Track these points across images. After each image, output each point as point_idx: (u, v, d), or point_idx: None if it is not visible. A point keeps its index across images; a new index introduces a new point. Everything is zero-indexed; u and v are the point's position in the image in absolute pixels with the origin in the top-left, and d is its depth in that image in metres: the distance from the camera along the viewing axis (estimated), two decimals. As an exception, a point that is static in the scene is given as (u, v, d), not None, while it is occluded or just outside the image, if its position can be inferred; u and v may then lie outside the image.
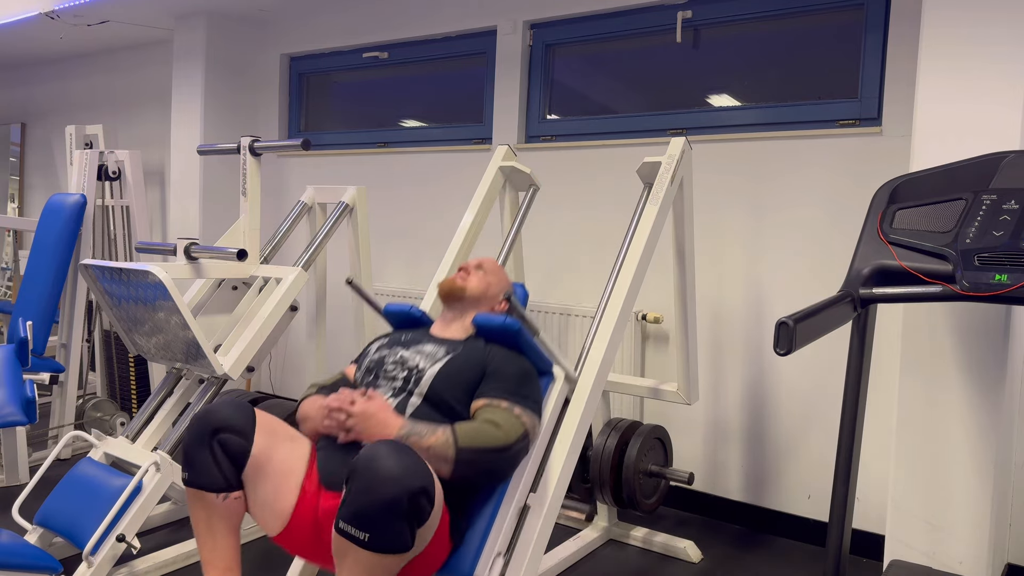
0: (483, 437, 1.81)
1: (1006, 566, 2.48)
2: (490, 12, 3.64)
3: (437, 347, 2.03)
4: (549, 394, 2.08)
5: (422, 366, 1.97)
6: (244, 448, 1.80)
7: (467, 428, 1.83)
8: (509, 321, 2.03)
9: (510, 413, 1.88)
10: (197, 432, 1.80)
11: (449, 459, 1.77)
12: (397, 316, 2.30)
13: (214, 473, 1.79)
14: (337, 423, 1.83)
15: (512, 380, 1.94)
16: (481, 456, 1.80)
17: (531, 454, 1.94)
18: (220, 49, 4.38)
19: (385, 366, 2.03)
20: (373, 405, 1.83)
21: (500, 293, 2.23)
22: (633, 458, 2.59)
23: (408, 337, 2.12)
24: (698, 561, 2.73)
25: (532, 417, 1.92)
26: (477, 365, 1.97)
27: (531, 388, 1.97)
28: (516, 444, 1.85)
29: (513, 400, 1.90)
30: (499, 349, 2.03)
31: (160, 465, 2.33)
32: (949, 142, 2.14)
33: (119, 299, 2.52)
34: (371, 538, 1.54)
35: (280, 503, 1.82)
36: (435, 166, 3.84)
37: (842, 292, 1.90)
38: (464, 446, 1.78)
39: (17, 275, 5.21)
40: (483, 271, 2.23)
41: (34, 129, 6.14)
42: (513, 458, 1.87)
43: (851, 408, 1.95)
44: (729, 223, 3.04)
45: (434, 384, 1.92)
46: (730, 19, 3.07)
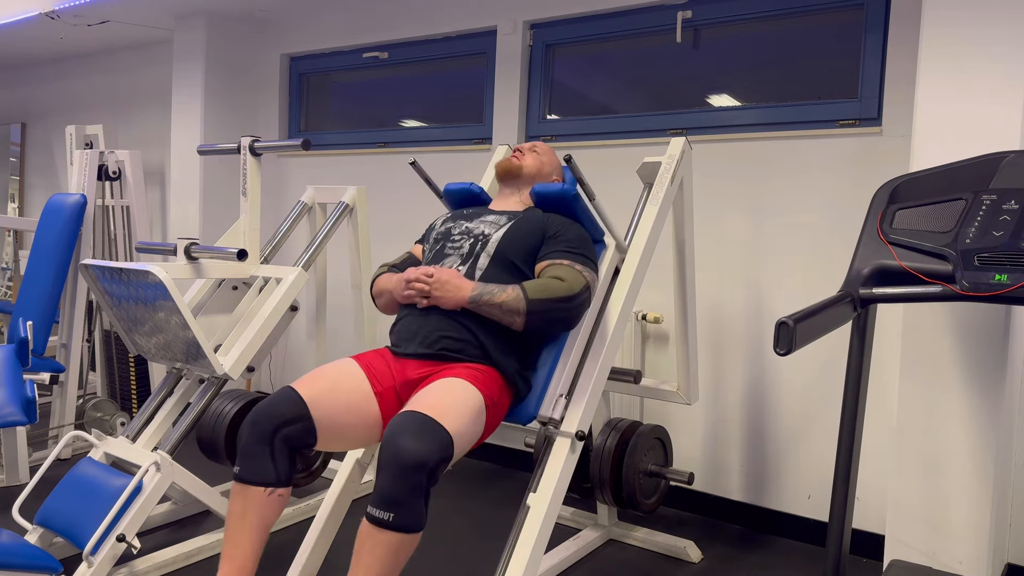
0: (550, 289, 2.02)
1: (1006, 566, 2.48)
2: (490, 12, 3.64)
3: (498, 216, 2.24)
4: (602, 260, 2.29)
5: (487, 232, 2.18)
6: (310, 428, 1.91)
7: (535, 283, 2.04)
8: (566, 188, 2.22)
9: (572, 269, 2.08)
10: (260, 430, 1.88)
11: (521, 311, 2.00)
12: (457, 194, 2.48)
13: (268, 469, 1.88)
14: (417, 291, 2.04)
15: (571, 242, 2.14)
16: (550, 306, 2.01)
17: (589, 312, 2.15)
18: (220, 49, 4.38)
19: (452, 236, 2.23)
20: (447, 272, 2.05)
21: (552, 172, 2.42)
22: (633, 458, 2.59)
23: (470, 211, 2.32)
24: (698, 561, 2.73)
25: (592, 272, 2.12)
26: (538, 230, 2.17)
27: (588, 249, 2.17)
28: (580, 295, 2.04)
29: (573, 258, 2.11)
30: (557, 216, 2.22)
31: (160, 465, 2.33)
32: (949, 142, 2.14)
33: (119, 299, 2.52)
34: (395, 517, 1.68)
35: (369, 422, 2.00)
36: (435, 166, 3.84)
37: (842, 292, 1.90)
38: (534, 298, 2.00)
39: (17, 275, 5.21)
40: (536, 152, 2.41)
41: (34, 129, 6.14)
42: (578, 308, 2.06)
43: (851, 408, 1.95)
44: (729, 223, 3.04)
45: (500, 247, 2.13)
46: (730, 19, 3.07)
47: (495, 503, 3.21)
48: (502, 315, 2.01)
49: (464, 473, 3.53)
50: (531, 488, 1.97)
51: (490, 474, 3.55)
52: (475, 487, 3.38)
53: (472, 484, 3.41)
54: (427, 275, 2.04)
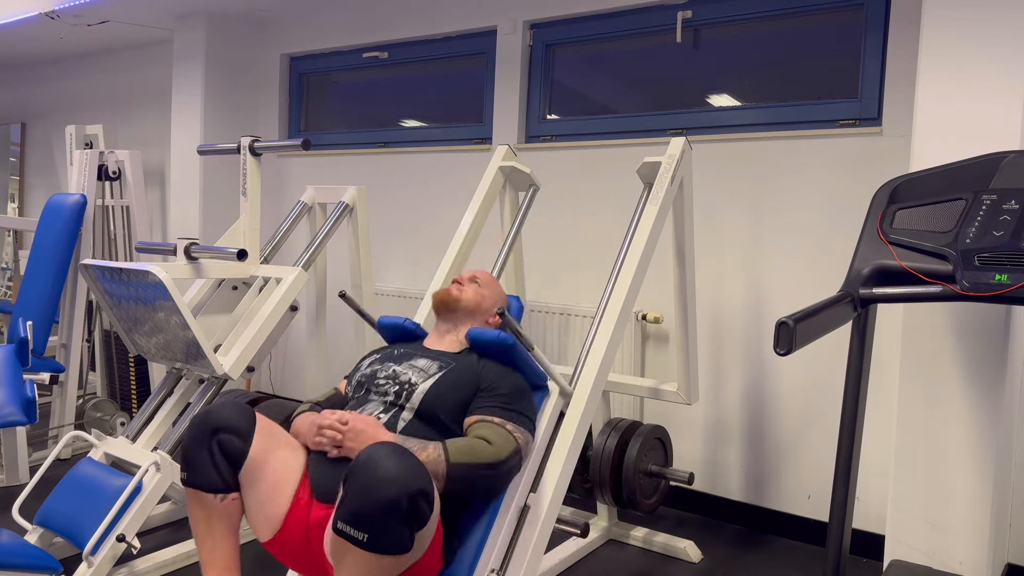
0: (475, 453, 1.81)
1: (1006, 566, 2.48)
2: (490, 12, 3.64)
3: (430, 362, 2.03)
4: (544, 408, 2.08)
5: (414, 381, 1.97)
6: (242, 449, 1.80)
7: (459, 444, 1.83)
8: (503, 336, 2.02)
9: (503, 429, 1.88)
10: (197, 432, 1.81)
11: (441, 475, 1.76)
12: (391, 329, 2.30)
13: (211, 474, 1.79)
14: (328, 439, 1.82)
15: (505, 396, 1.94)
16: (473, 471, 1.80)
17: (526, 466, 1.95)
18: (220, 49, 4.38)
19: (377, 380, 2.02)
20: (363, 421, 1.83)
21: (494, 306, 2.22)
22: (633, 458, 2.59)
23: (401, 351, 2.11)
24: (698, 561, 2.73)
25: (525, 433, 1.92)
26: (470, 381, 1.97)
27: (524, 404, 1.97)
28: (508, 460, 1.85)
29: (506, 416, 1.91)
30: (492, 364, 2.02)
31: (160, 465, 2.33)
32: (949, 142, 2.14)
33: (119, 299, 2.52)
34: (370, 538, 1.53)
35: (272, 509, 1.82)
36: (435, 166, 3.84)
37: (842, 292, 1.90)
38: (456, 461, 1.78)
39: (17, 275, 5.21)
40: (478, 283, 2.23)
41: (34, 129, 6.14)
42: (506, 475, 1.87)
43: (851, 408, 1.95)
44: (729, 223, 3.03)
45: (426, 399, 1.92)
46: (730, 19, 3.07)
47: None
48: None
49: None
50: (531, 488, 1.97)
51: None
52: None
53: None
54: (342, 422, 1.82)
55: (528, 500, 1.94)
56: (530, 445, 1.95)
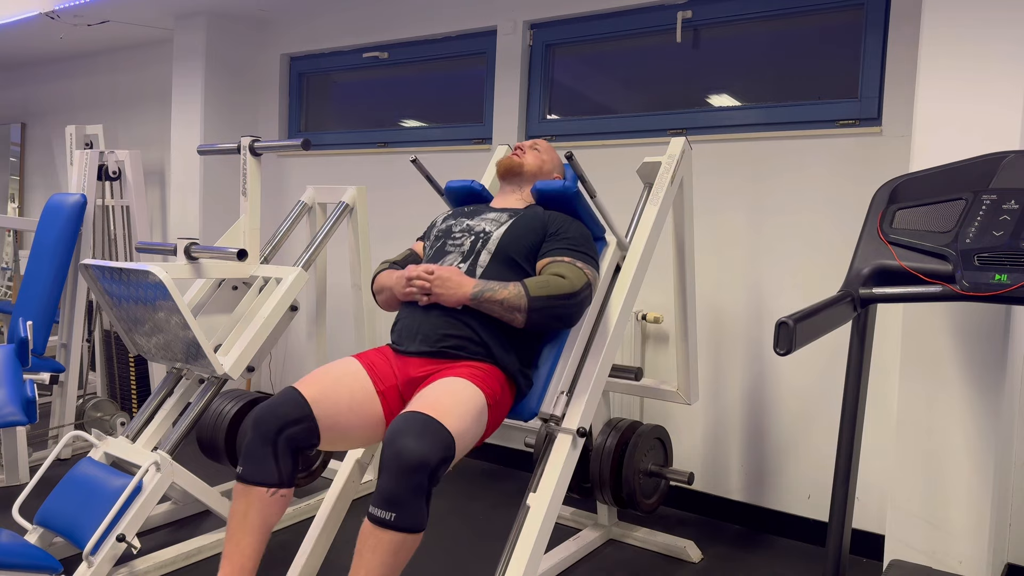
0: (552, 286, 2.02)
1: (1006, 566, 2.48)
2: (490, 12, 3.64)
3: (499, 213, 2.24)
4: (603, 257, 2.29)
5: (488, 229, 2.18)
6: (313, 428, 1.92)
7: (537, 280, 2.04)
8: (567, 185, 2.22)
9: (573, 266, 2.08)
10: (263, 431, 1.89)
11: (523, 308, 1.99)
12: (458, 191, 2.48)
13: (271, 470, 1.89)
14: (418, 288, 2.03)
15: (572, 239, 2.15)
16: (551, 303, 2.01)
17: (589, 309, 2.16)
18: (220, 49, 4.38)
19: (453, 233, 2.23)
20: (448, 270, 2.04)
21: (553, 170, 2.43)
22: (633, 458, 2.59)
23: (471, 208, 2.32)
24: (698, 561, 2.73)
25: (592, 270, 2.12)
26: (539, 227, 2.17)
27: (589, 246, 2.18)
28: (581, 292, 2.04)
29: (575, 256, 2.11)
30: (558, 214, 2.22)
31: (160, 465, 2.33)
32: (949, 142, 2.14)
33: (119, 299, 2.52)
34: (396, 518, 1.68)
35: (372, 421, 2.00)
36: (435, 166, 3.83)
37: (842, 292, 1.90)
38: (536, 295, 2.00)
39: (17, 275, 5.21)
40: (537, 149, 2.42)
41: (34, 129, 6.14)
42: (579, 305, 2.06)
43: (851, 408, 1.95)
44: (729, 223, 3.04)
45: (501, 243, 2.13)
46: (730, 19, 3.07)
47: (495, 503, 3.21)
48: (503, 312, 2.01)
49: (464, 473, 3.53)
50: (531, 488, 1.97)
51: (490, 474, 3.55)
52: (475, 487, 3.38)
53: (472, 484, 3.41)
54: (428, 272, 2.03)
55: (528, 500, 1.95)
56: (597, 280, 2.15)
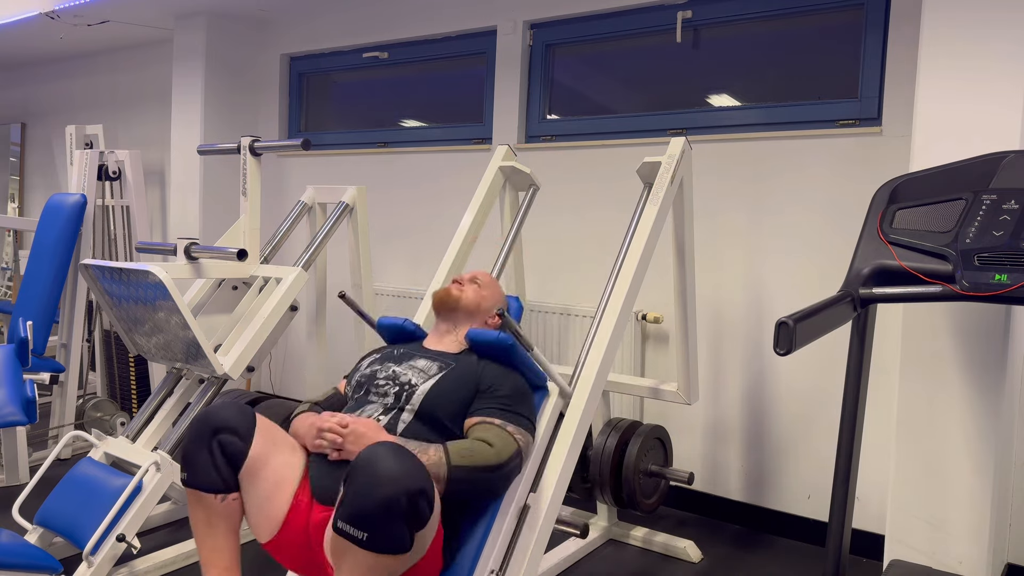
0: (476, 455, 1.82)
1: (1006, 566, 2.48)
2: (490, 12, 3.64)
3: (430, 362, 2.03)
4: (543, 409, 2.09)
5: (414, 382, 1.97)
6: (242, 450, 1.80)
7: (460, 446, 1.83)
8: (503, 336, 2.02)
9: (503, 431, 1.88)
10: (197, 432, 1.81)
11: (441, 478, 1.76)
12: (390, 330, 2.30)
13: (212, 474, 1.79)
14: (329, 442, 1.82)
15: (505, 398, 1.95)
16: (474, 474, 1.80)
17: (526, 467, 1.95)
18: (220, 49, 4.38)
19: (376, 381, 2.02)
20: (364, 424, 1.83)
21: (494, 306, 2.22)
22: (633, 458, 2.59)
23: (401, 352, 2.11)
24: (698, 561, 2.73)
25: (525, 435, 1.92)
26: (470, 382, 1.97)
27: (525, 406, 1.98)
28: (509, 462, 1.86)
29: (506, 418, 1.91)
30: (492, 365, 2.02)
31: (160, 465, 2.33)
32: (949, 142, 2.13)
33: (119, 299, 2.52)
34: (369, 538, 1.53)
35: (272, 510, 1.82)
36: (435, 166, 3.83)
37: (842, 292, 1.90)
38: (457, 464, 1.78)
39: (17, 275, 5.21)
40: (477, 284, 2.23)
41: (34, 129, 6.14)
42: (506, 476, 1.88)
43: (851, 408, 1.95)
44: (729, 223, 3.03)
45: (426, 401, 1.92)
46: (730, 19, 3.07)
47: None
48: None
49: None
50: (531, 488, 1.97)
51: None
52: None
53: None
54: (342, 425, 1.82)
55: (528, 500, 1.94)
56: (530, 446, 1.95)
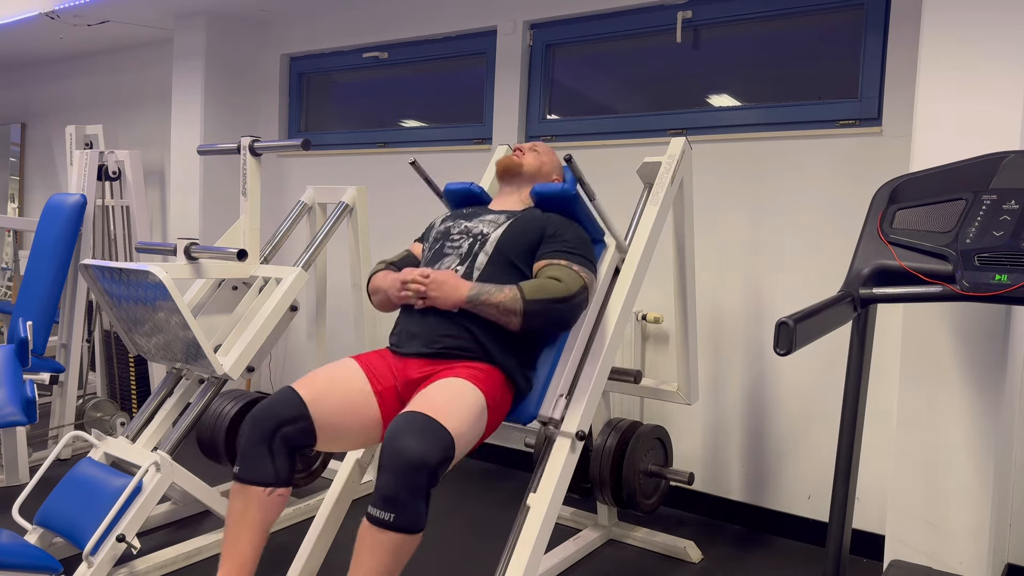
0: (547, 290, 2.01)
1: (1006, 566, 2.48)
2: (490, 12, 3.64)
3: (497, 215, 2.23)
4: (601, 260, 2.28)
5: (486, 231, 2.17)
6: (309, 428, 1.92)
7: (532, 284, 2.03)
8: (566, 187, 2.20)
9: (570, 269, 2.07)
10: (259, 429, 1.89)
11: (518, 311, 1.98)
12: (457, 194, 2.47)
13: (268, 469, 1.89)
14: (413, 292, 2.02)
15: (569, 242, 2.13)
16: (547, 307, 1.99)
17: (587, 311, 2.15)
18: (220, 49, 4.38)
19: (451, 235, 2.22)
20: (443, 273, 2.03)
21: (552, 171, 2.41)
22: (633, 458, 2.59)
23: (470, 211, 2.32)
24: (698, 561, 2.73)
25: (589, 273, 2.11)
26: (537, 229, 2.15)
27: (587, 249, 2.16)
28: (577, 296, 2.03)
29: (572, 259, 2.10)
30: (556, 216, 2.20)
31: (160, 465, 2.33)
32: (949, 142, 2.14)
33: (119, 299, 2.52)
34: (395, 518, 1.68)
35: (369, 422, 2.00)
36: (435, 166, 3.83)
37: (842, 292, 1.90)
38: (531, 298, 1.98)
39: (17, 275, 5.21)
40: (537, 151, 2.40)
41: (34, 129, 6.14)
42: (575, 308, 2.05)
43: (851, 408, 1.95)
44: (729, 223, 3.03)
45: (498, 245, 2.13)
46: (730, 19, 3.07)
47: (495, 503, 3.21)
48: (499, 315, 2.00)
49: (464, 473, 3.53)
50: (531, 488, 1.97)
51: (490, 474, 3.55)
52: (475, 487, 3.38)
53: (472, 484, 3.41)
54: (424, 276, 2.02)
55: (528, 500, 1.95)
56: (594, 284, 2.14)
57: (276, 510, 1.93)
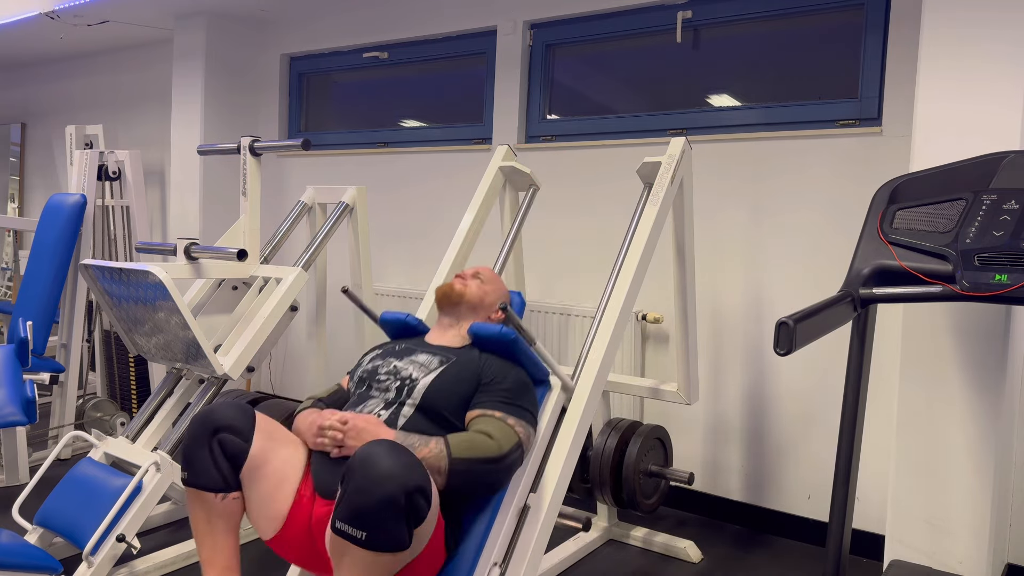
0: (477, 448, 1.82)
1: (1006, 566, 2.48)
2: (490, 12, 3.64)
3: (431, 357, 2.03)
4: (546, 403, 2.09)
5: (415, 376, 1.97)
6: (243, 449, 1.81)
7: (460, 438, 1.83)
8: (505, 330, 2.02)
9: (504, 423, 1.88)
10: (197, 432, 1.81)
11: (443, 470, 1.77)
12: (393, 325, 2.30)
13: (212, 473, 1.79)
14: (330, 439, 1.83)
15: (507, 391, 1.95)
16: (475, 466, 1.80)
17: (527, 462, 1.95)
18: (220, 49, 4.38)
19: (378, 376, 2.03)
20: (363, 420, 1.84)
21: (496, 302, 2.22)
22: (633, 458, 2.59)
23: (403, 347, 2.11)
24: (698, 561, 2.73)
25: (527, 428, 1.92)
26: (472, 375, 1.97)
27: (526, 399, 1.97)
28: (510, 455, 1.86)
29: (507, 411, 1.91)
30: (494, 359, 2.02)
31: (160, 465, 2.33)
32: (949, 142, 2.14)
33: (119, 299, 2.52)
34: (368, 536, 1.54)
35: (275, 507, 1.83)
36: (435, 166, 3.84)
37: (842, 292, 1.90)
38: (458, 456, 1.79)
39: (17, 275, 5.21)
40: (480, 279, 2.23)
41: (34, 129, 6.14)
42: (507, 469, 1.87)
43: (851, 408, 1.95)
44: (729, 223, 3.03)
45: (427, 394, 1.93)
46: (730, 19, 3.07)
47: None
48: None
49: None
50: (531, 488, 1.97)
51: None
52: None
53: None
54: (342, 422, 1.83)
55: (528, 500, 1.94)
56: (532, 439, 1.95)
57: (237, 511, 1.84)
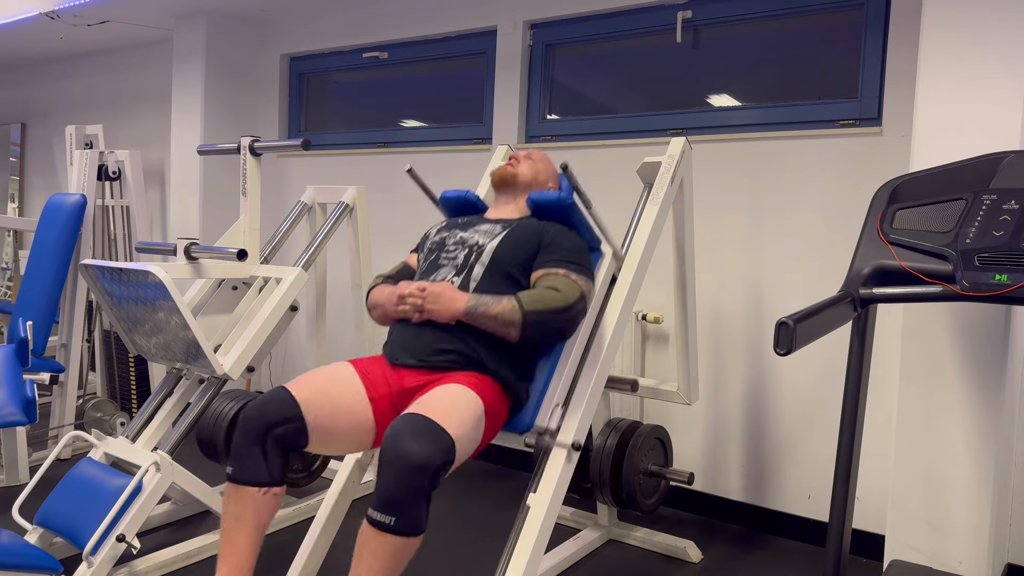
0: (546, 301, 2.00)
1: (1006, 566, 2.48)
2: (490, 12, 3.64)
3: (493, 225, 2.21)
4: (598, 269, 2.26)
5: (481, 242, 2.15)
6: (302, 428, 1.91)
7: (530, 294, 2.02)
8: (563, 196, 2.19)
9: (567, 279, 2.05)
10: (252, 430, 1.88)
11: (516, 323, 1.97)
12: (453, 202, 2.45)
13: (261, 469, 1.88)
14: (411, 306, 2.00)
15: (567, 250, 2.12)
16: (545, 317, 1.99)
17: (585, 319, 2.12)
18: (220, 49, 4.38)
19: (446, 247, 2.20)
20: (440, 286, 2.02)
21: (548, 180, 2.39)
22: (633, 458, 2.59)
23: (465, 220, 2.30)
24: (698, 561, 2.73)
25: (588, 282, 2.09)
26: (533, 239, 2.13)
27: (584, 258, 2.15)
28: (575, 305, 2.02)
29: (569, 268, 2.08)
30: (552, 225, 2.18)
31: (160, 465, 2.33)
32: (949, 142, 2.14)
33: (119, 299, 2.52)
34: (396, 521, 1.67)
35: (362, 426, 1.98)
36: (435, 166, 3.84)
37: (842, 292, 1.90)
38: (529, 309, 1.97)
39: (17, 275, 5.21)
40: (532, 159, 2.38)
41: (34, 129, 6.14)
42: (574, 318, 2.04)
43: (851, 408, 1.95)
44: (729, 223, 3.03)
45: (495, 256, 2.11)
46: (730, 19, 3.07)
47: (495, 504, 3.21)
48: (497, 327, 1.98)
49: (464, 473, 3.53)
50: (531, 488, 1.97)
51: (490, 474, 3.55)
52: (475, 487, 3.38)
53: (472, 484, 3.41)
54: (420, 289, 2.00)
55: (528, 500, 1.95)
56: (592, 292, 2.12)
57: (271, 509, 1.92)
